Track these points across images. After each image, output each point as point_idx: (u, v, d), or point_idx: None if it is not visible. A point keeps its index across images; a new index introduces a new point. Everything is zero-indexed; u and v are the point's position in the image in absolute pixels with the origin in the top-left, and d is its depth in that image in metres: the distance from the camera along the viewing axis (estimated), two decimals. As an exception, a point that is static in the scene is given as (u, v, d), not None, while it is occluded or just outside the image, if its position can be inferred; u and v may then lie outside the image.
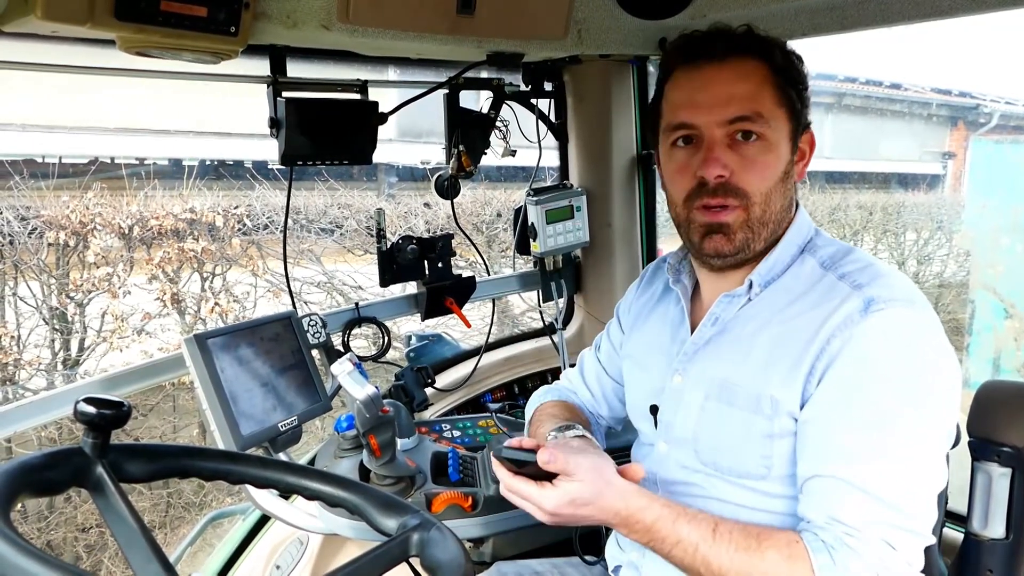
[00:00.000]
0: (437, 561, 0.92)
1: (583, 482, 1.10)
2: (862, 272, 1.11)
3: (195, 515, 4.40)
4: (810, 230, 1.22)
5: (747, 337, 1.17)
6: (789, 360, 1.10)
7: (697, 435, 1.21)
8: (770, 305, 1.17)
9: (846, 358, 1.05)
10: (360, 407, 1.42)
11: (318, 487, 1.07)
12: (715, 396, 1.18)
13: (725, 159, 1.13)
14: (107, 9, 1.20)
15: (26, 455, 0.91)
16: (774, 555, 1.04)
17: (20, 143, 4.86)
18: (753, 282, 1.18)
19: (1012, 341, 6.18)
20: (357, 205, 5.26)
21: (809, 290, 1.14)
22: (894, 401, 1.03)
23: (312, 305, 4.85)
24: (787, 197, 1.18)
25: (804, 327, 1.10)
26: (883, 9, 1.58)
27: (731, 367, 1.17)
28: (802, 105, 1.18)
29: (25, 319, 4.33)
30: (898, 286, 1.09)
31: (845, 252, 1.17)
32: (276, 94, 1.67)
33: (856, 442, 1.04)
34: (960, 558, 1.37)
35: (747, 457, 1.15)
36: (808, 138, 1.21)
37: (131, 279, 4.56)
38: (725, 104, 1.13)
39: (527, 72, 2.11)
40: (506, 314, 5.24)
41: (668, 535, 1.09)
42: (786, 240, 1.19)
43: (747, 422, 1.14)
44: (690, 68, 1.16)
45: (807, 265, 1.18)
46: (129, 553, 0.89)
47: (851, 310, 1.07)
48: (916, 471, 1.04)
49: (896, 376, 1.04)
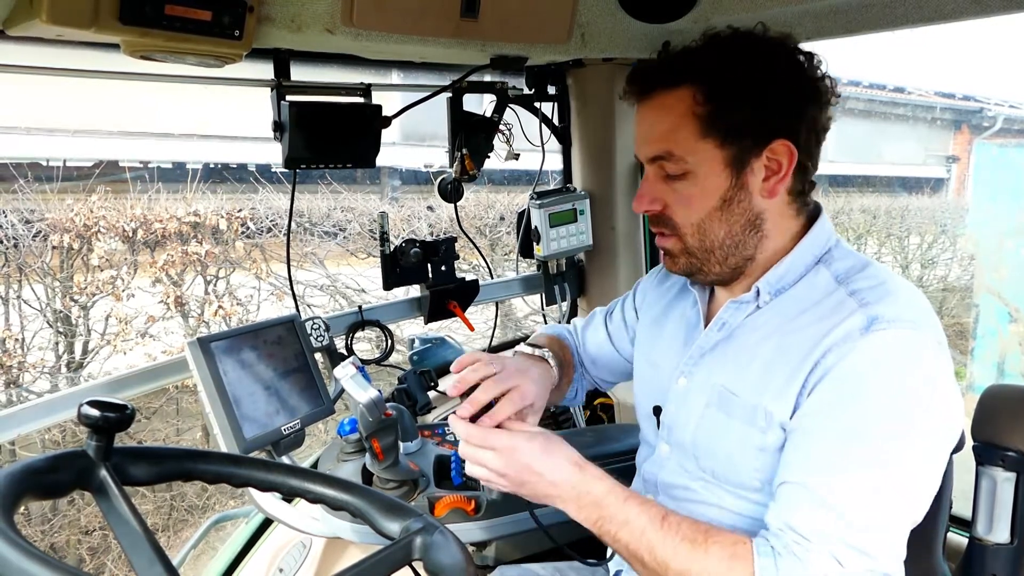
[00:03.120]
0: (440, 565, 0.92)
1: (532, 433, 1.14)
2: (873, 290, 1.08)
3: (198, 518, 4.40)
4: (829, 240, 1.18)
5: (751, 346, 1.16)
6: (786, 373, 1.09)
7: (696, 441, 1.21)
8: (779, 314, 1.15)
9: (837, 373, 1.03)
10: (363, 410, 1.42)
11: (321, 490, 1.07)
12: (715, 404, 1.18)
13: (655, 193, 1.16)
14: (111, 13, 1.20)
15: (30, 458, 0.91)
16: (717, 552, 1.03)
17: (24, 146, 4.88)
18: (760, 290, 1.16)
19: (1017, 345, 6.16)
20: (360, 208, 5.27)
21: (818, 303, 1.11)
22: (873, 423, 1.00)
23: (315, 308, 4.85)
24: (736, 222, 1.13)
25: (805, 340, 1.08)
26: (887, 12, 1.58)
27: (732, 375, 1.16)
28: (757, 123, 1.10)
29: (29, 322, 4.33)
30: (906, 306, 1.06)
31: (861, 266, 1.14)
32: (280, 98, 1.68)
33: (826, 453, 1.02)
34: (965, 563, 1.37)
35: (742, 468, 1.14)
36: (782, 150, 1.10)
37: (135, 282, 4.56)
38: (646, 143, 1.15)
39: (530, 76, 2.11)
40: (509, 317, 5.24)
41: (616, 513, 1.08)
42: (799, 249, 1.16)
43: (742, 434, 1.13)
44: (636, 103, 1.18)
45: (821, 277, 1.14)
46: (132, 556, 0.89)
47: (852, 327, 1.04)
48: (883, 496, 1.00)
49: (880, 399, 1.01)
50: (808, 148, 1.13)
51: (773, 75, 1.10)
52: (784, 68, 1.11)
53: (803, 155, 1.12)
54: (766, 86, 1.10)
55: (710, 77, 1.10)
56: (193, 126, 5.34)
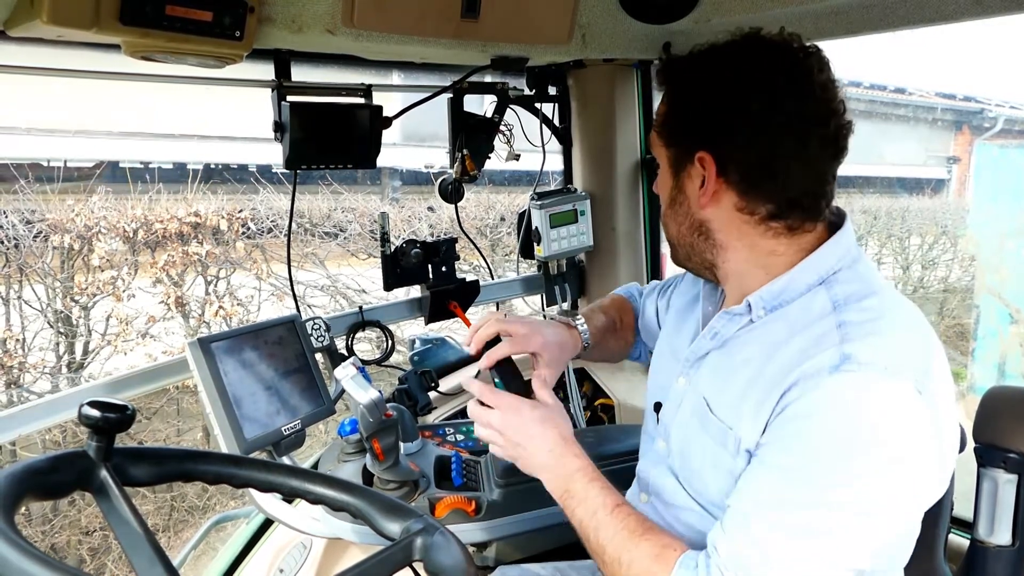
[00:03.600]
0: (440, 565, 0.92)
1: (538, 403, 1.24)
2: (862, 325, 1.02)
3: (199, 519, 4.40)
4: (841, 260, 1.10)
5: (737, 364, 1.12)
6: (757, 399, 1.05)
7: (681, 448, 1.20)
8: (770, 333, 1.10)
9: (795, 409, 0.99)
10: (363, 411, 1.42)
11: (321, 491, 1.07)
12: (697, 415, 1.16)
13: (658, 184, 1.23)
14: (112, 13, 1.20)
15: (30, 458, 0.91)
16: (647, 548, 1.06)
17: (25, 147, 4.89)
18: (752, 304, 1.12)
19: (1017, 346, 6.16)
20: (361, 209, 5.27)
21: (807, 328, 1.06)
22: (817, 467, 0.97)
23: (316, 309, 4.85)
24: (683, 223, 1.17)
25: (781, 369, 1.03)
26: (888, 13, 1.58)
27: (714, 390, 1.14)
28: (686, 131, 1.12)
29: (30, 322, 4.34)
30: (889, 350, 0.99)
31: (862, 295, 1.06)
32: (280, 98, 1.68)
33: (769, 488, 1.00)
34: (966, 565, 1.37)
35: (711, 485, 1.12)
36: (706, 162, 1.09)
37: (135, 282, 4.57)
38: None
39: (531, 76, 2.11)
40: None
41: (579, 491, 1.15)
42: (802, 267, 1.10)
43: (714, 452, 1.11)
44: None
45: (819, 300, 1.08)
46: (133, 556, 0.89)
47: (824, 364, 0.99)
48: (816, 542, 0.97)
49: (828, 444, 0.96)
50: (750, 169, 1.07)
51: (726, 88, 1.07)
52: (731, 83, 1.07)
53: (739, 175, 1.08)
54: (710, 97, 1.08)
55: (676, 81, 1.14)
56: (194, 127, 5.35)
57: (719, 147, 1.09)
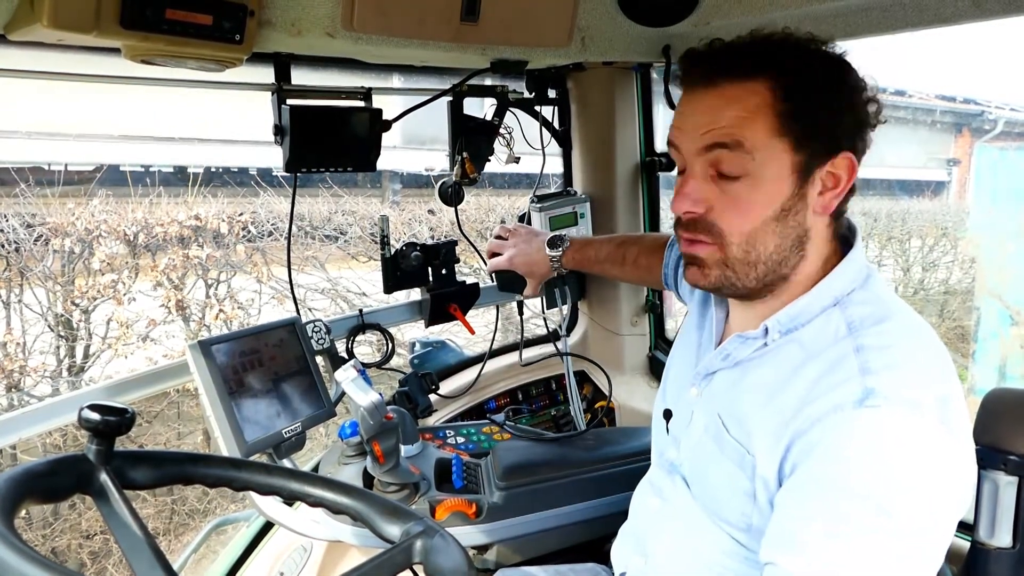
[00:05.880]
0: (440, 568, 0.92)
1: None
2: (881, 352, 0.98)
3: (199, 522, 4.39)
4: (854, 281, 1.08)
5: (752, 386, 1.09)
6: (774, 427, 1.02)
7: (693, 465, 1.18)
8: (785, 358, 1.07)
9: (821, 451, 0.95)
10: (364, 413, 1.42)
11: (322, 494, 1.07)
12: (712, 432, 1.13)
13: (700, 194, 1.06)
14: (113, 17, 1.20)
15: (31, 462, 0.91)
16: None
17: (26, 151, 4.89)
18: (769, 328, 1.08)
19: (1018, 348, 6.15)
20: (361, 212, 5.27)
21: (823, 352, 1.02)
22: (848, 510, 0.92)
23: (316, 311, 4.85)
24: (788, 236, 1.06)
25: (798, 398, 1.00)
26: (887, 16, 1.58)
27: (729, 409, 1.11)
28: (830, 131, 1.03)
29: (30, 326, 4.33)
30: (910, 382, 0.96)
31: (879, 319, 1.03)
32: (280, 101, 1.68)
33: (799, 531, 0.95)
34: (966, 567, 1.37)
35: (729, 506, 1.09)
36: (845, 164, 1.05)
37: (136, 286, 4.57)
38: (705, 132, 1.04)
39: (531, 79, 2.11)
40: (510, 320, 5.23)
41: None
42: (819, 288, 1.07)
43: (731, 472, 1.07)
44: (686, 89, 1.09)
45: (833, 322, 1.05)
46: (133, 560, 0.89)
47: (845, 398, 0.95)
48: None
49: (861, 487, 0.92)
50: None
51: (848, 85, 1.05)
52: (855, 81, 1.06)
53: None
54: (842, 94, 1.04)
55: (792, 73, 1.02)
56: (194, 130, 5.35)
57: (857, 149, 1.06)
